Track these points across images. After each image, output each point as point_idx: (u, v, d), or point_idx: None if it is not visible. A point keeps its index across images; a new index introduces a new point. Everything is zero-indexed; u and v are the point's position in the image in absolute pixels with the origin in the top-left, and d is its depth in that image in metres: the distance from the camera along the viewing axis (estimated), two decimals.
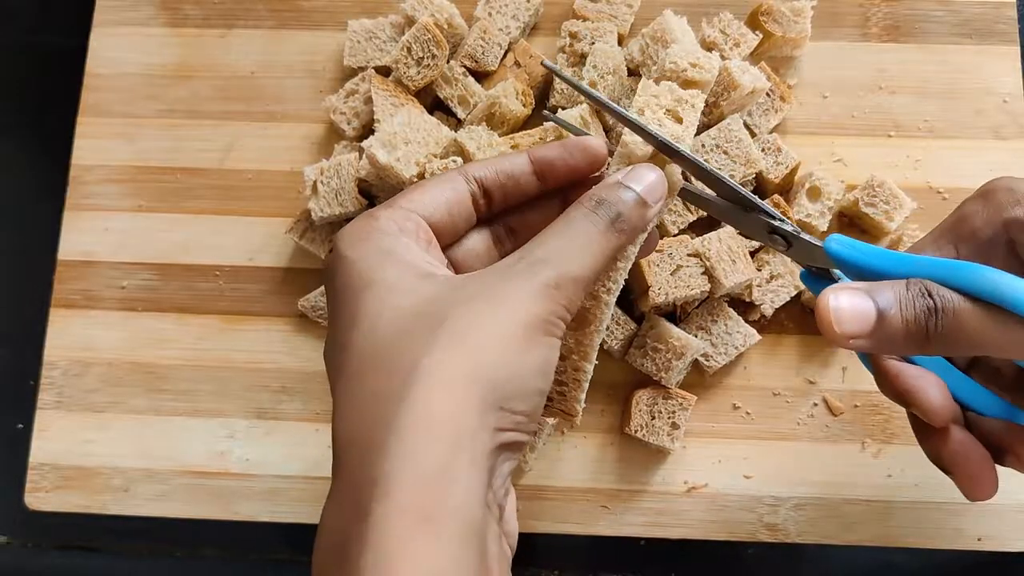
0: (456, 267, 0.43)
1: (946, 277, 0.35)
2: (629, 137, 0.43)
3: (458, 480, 0.33)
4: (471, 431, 0.33)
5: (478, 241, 0.44)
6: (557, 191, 0.44)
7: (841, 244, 0.40)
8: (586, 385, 0.43)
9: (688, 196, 0.46)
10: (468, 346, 0.34)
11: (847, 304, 0.36)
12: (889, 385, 0.41)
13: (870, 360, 0.42)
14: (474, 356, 0.34)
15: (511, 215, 0.44)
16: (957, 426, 0.41)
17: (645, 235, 0.42)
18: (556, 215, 0.40)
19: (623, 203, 0.40)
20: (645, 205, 0.40)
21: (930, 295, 0.35)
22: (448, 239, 0.42)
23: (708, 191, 0.45)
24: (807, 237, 0.42)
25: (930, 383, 0.40)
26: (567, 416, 0.43)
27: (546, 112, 0.50)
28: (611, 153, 0.44)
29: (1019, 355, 0.35)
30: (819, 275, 0.43)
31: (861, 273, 0.39)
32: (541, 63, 0.53)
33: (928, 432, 0.42)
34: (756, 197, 0.43)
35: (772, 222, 0.43)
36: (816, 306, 0.36)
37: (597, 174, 0.44)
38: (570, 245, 0.38)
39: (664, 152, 0.43)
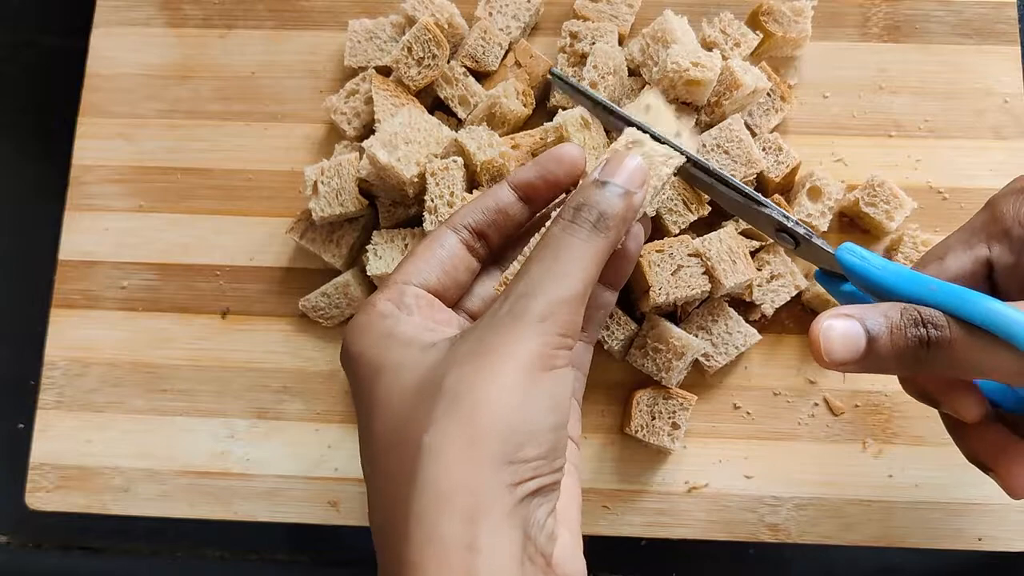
0: (475, 318, 0.43)
1: (947, 302, 0.36)
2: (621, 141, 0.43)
3: (482, 551, 0.32)
4: (485, 497, 0.33)
5: (489, 286, 0.44)
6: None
7: (852, 253, 0.39)
8: None
9: (698, 183, 0.46)
10: (465, 409, 0.34)
11: (838, 331, 0.36)
12: (913, 384, 0.41)
13: None
14: (472, 418, 0.34)
15: (519, 247, 0.44)
16: (989, 420, 0.41)
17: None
18: None
19: (604, 201, 0.39)
20: (629, 195, 0.39)
21: (922, 324, 0.35)
22: (454, 295, 0.42)
23: (717, 184, 0.45)
24: (819, 242, 0.41)
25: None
26: None
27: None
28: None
29: (1012, 382, 0.35)
30: (833, 276, 0.43)
31: (869, 285, 0.39)
32: (550, 71, 0.52)
33: (963, 430, 0.41)
34: (764, 198, 0.43)
35: (783, 221, 0.42)
36: (809, 332, 0.36)
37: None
38: (552, 268, 0.37)
39: (670, 151, 0.43)
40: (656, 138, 0.43)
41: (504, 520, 0.33)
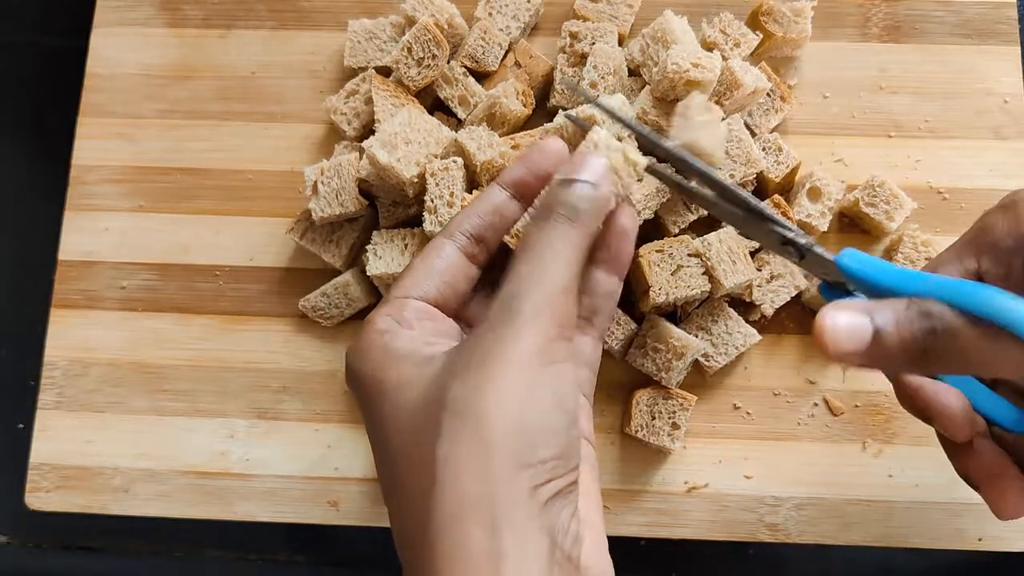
0: (478, 325, 0.43)
1: (952, 297, 0.35)
2: (595, 134, 0.43)
3: (508, 558, 0.32)
4: (506, 503, 0.33)
5: (485, 295, 0.44)
6: None
7: (852, 259, 0.39)
8: None
9: (698, 200, 0.46)
10: (473, 417, 0.34)
11: (844, 322, 0.35)
12: (908, 400, 0.41)
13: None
14: (481, 425, 0.34)
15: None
16: (984, 439, 0.41)
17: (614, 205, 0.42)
18: None
19: (573, 196, 0.39)
20: (595, 186, 0.40)
21: (929, 315, 0.34)
22: (454, 304, 0.42)
23: (720, 199, 0.45)
24: (819, 250, 0.41)
25: (950, 397, 0.40)
26: None
27: (564, 112, 0.49)
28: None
29: (1020, 375, 0.35)
30: (836, 287, 0.43)
31: (872, 289, 0.39)
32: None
33: (956, 447, 0.42)
34: (768, 207, 0.43)
35: (786, 233, 0.42)
36: (815, 323, 0.36)
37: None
38: (536, 264, 0.38)
39: (679, 167, 0.43)
40: (666, 150, 0.43)
41: (528, 525, 0.33)
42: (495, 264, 0.44)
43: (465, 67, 0.59)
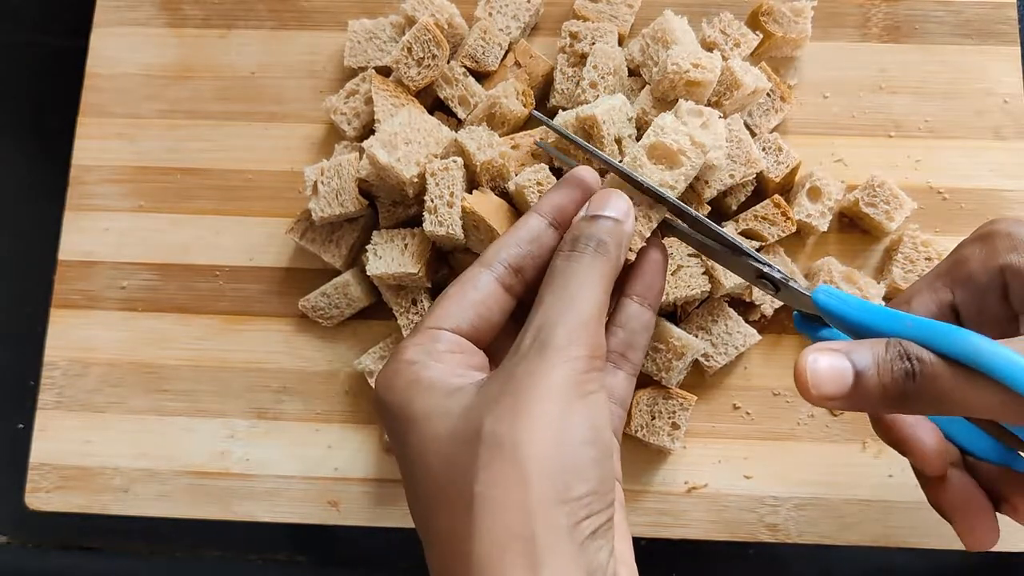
0: (506, 356, 0.42)
1: (928, 338, 0.35)
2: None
3: None
4: (546, 542, 0.32)
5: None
6: None
7: (829, 295, 0.40)
8: None
9: (677, 234, 0.47)
10: (509, 452, 0.34)
11: (824, 365, 0.35)
12: (884, 432, 0.42)
13: None
14: (518, 460, 0.33)
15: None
16: (957, 470, 0.41)
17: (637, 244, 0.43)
18: None
19: (600, 229, 0.40)
20: (619, 223, 0.41)
21: (908, 358, 0.34)
22: (488, 335, 0.41)
23: (697, 234, 0.46)
24: (795, 285, 0.42)
25: (925, 431, 0.40)
26: None
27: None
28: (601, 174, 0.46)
29: (997, 417, 0.35)
30: (811, 319, 0.43)
31: (847, 325, 0.39)
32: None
33: (927, 479, 0.42)
34: (744, 242, 0.44)
35: (761, 268, 0.44)
36: (795, 366, 0.35)
37: None
38: (563, 295, 0.38)
39: (653, 199, 0.44)
40: (639, 185, 0.44)
41: (568, 565, 0.33)
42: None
43: (465, 67, 0.59)
